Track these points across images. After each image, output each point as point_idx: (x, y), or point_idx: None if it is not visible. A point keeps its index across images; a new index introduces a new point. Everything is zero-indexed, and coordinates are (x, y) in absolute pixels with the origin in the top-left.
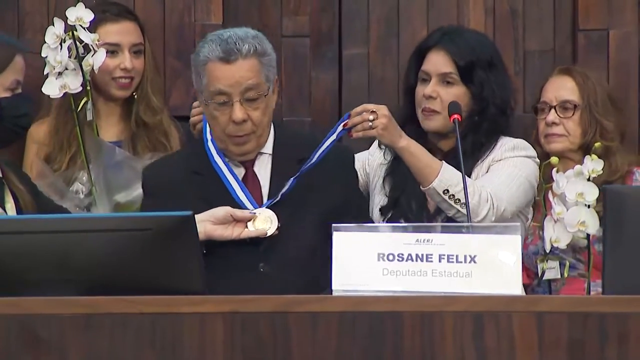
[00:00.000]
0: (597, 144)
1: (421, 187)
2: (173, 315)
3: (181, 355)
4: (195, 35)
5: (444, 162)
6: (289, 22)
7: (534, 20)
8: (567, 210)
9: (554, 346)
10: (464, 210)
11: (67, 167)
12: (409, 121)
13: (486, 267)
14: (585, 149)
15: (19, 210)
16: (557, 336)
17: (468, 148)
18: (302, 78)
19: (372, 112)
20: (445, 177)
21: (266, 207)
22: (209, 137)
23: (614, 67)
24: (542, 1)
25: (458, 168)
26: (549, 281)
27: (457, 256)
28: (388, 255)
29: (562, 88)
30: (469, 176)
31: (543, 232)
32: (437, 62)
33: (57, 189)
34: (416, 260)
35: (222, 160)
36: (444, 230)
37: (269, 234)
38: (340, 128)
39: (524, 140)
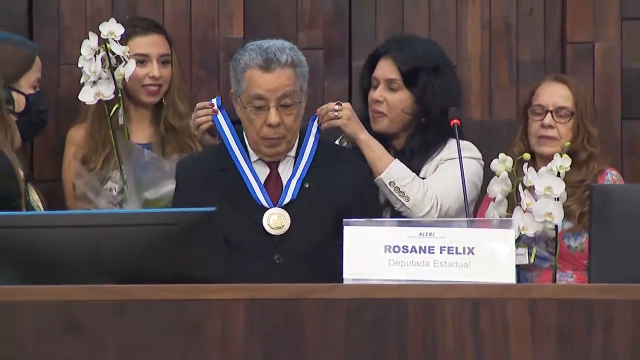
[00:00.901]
0: (567, 143)
1: (374, 179)
2: (198, 302)
3: (206, 338)
4: (219, 48)
5: (396, 158)
6: (304, 36)
7: (526, 34)
8: (536, 201)
9: (544, 331)
10: (407, 205)
11: (102, 167)
12: (365, 123)
13: (483, 258)
14: (570, 154)
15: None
16: (547, 321)
17: (416, 147)
18: (315, 87)
19: (337, 103)
20: (392, 171)
21: (280, 207)
22: (229, 137)
23: (598, 77)
24: (533, 16)
25: (410, 166)
26: (518, 266)
27: (456, 248)
28: (394, 247)
29: (557, 95)
30: (418, 174)
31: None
32: (385, 69)
33: (92, 187)
34: (419, 252)
35: (245, 160)
36: (445, 224)
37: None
38: (313, 124)
39: (470, 143)
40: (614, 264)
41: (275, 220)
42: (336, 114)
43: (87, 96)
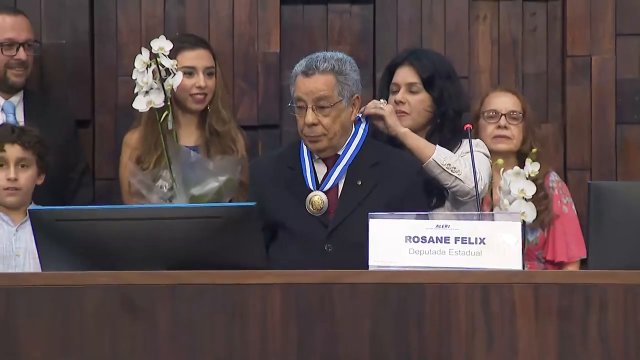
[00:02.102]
0: (534, 150)
1: (422, 165)
2: (240, 286)
3: (247, 318)
4: (258, 62)
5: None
6: (334, 49)
7: (530, 48)
8: (510, 202)
9: (547, 311)
10: (461, 178)
11: (154, 167)
12: None
13: (493, 247)
14: (518, 154)
15: None
16: (549, 303)
17: (436, 143)
18: None
19: (382, 101)
20: (441, 152)
21: (321, 191)
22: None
23: (595, 86)
24: (537, 33)
25: None
26: None
27: (469, 238)
28: (413, 237)
29: (508, 102)
30: None
31: None
32: (405, 74)
33: (145, 185)
34: (436, 242)
35: (308, 159)
36: (460, 217)
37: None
38: (359, 126)
39: (481, 141)
40: (609, 253)
41: (316, 202)
42: (381, 106)
43: (140, 104)
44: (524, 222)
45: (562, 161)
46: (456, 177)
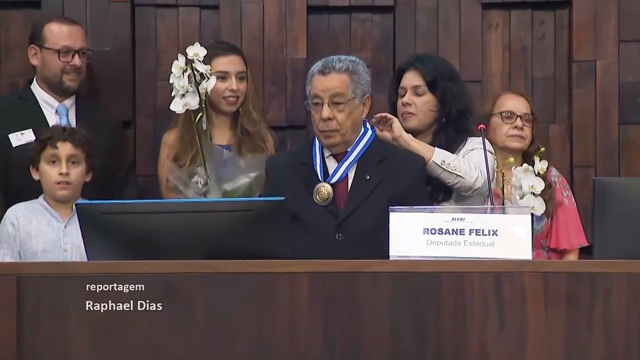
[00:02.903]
0: (542, 149)
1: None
2: (270, 274)
3: (276, 304)
4: (286, 67)
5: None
6: (356, 55)
7: (539, 54)
8: (521, 197)
9: (555, 298)
10: (461, 175)
11: (190, 164)
12: None
13: (505, 238)
14: (524, 153)
15: None
16: (557, 290)
17: (442, 142)
18: None
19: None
20: (440, 153)
21: (328, 183)
22: (316, 141)
23: (599, 89)
24: (545, 40)
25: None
26: None
27: (482, 230)
28: (431, 229)
29: (522, 104)
30: None
31: None
32: (411, 78)
33: (182, 181)
34: (452, 234)
35: (320, 154)
36: (474, 211)
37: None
38: (367, 128)
39: (487, 141)
40: (612, 243)
41: (322, 192)
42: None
43: (177, 106)
44: (532, 214)
45: (568, 159)
46: (456, 174)
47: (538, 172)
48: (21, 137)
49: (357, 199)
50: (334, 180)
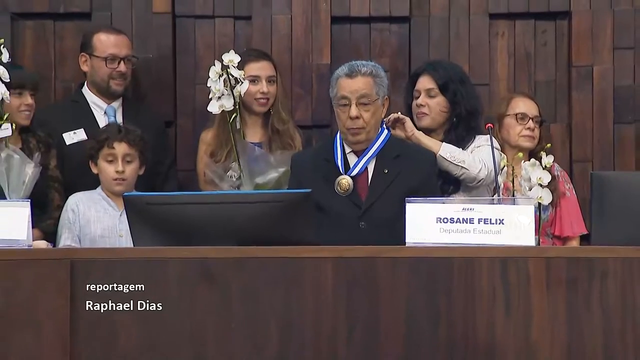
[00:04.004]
0: (548, 145)
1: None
2: (298, 259)
3: (303, 286)
4: (312, 72)
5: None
6: (376, 61)
7: (541, 60)
8: (530, 189)
9: (556, 281)
10: (465, 167)
11: (225, 160)
12: None
13: (510, 226)
14: (531, 150)
15: None
16: (559, 274)
17: (453, 139)
18: None
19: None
20: (446, 147)
21: (349, 175)
22: (337, 138)
23: (596, 92)
24: (547, 47)
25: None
26: None
27: (490, 219)
28: (443, 219)
29: (533, 107)
30: None
31: None
32: (424, 82)
33: (218, 175)
34: (462, 222)
35: (341, 151)
36: (482, 202)
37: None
38: (383, 128)
39: (495, 139)
40: (608, 231)
41: (343, 183)
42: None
43: (213, 108)
44: (539, 205)
45: (568, 155)
46: (462, 167)
47: (545, 166)
48: (74, 136)
49: (378, 191)
50: (354, 172)
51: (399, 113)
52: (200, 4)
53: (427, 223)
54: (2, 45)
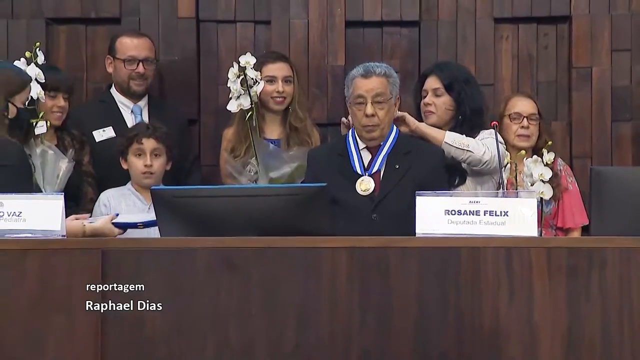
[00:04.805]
0: (549, 142)
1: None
2: (314, 249)
3: (320, 274)
4: (327, 73)
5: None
6: (387, 63)
7: (543, 61)
8: (532, 184)
9: (557, 269)
10: (470, 150)
11: (244, 155)
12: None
13: (514, 218)
14: (534, 148)
15: None
16: (559, 263)
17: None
18: None
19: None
20: (450, 134)
21: (368, 175)
22: (350, 135)
23: (595, 92)
24: (548, 49)
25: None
26: None
27: (495, 211)
28: (451, 211)
29: (528, 105)
30: None
31: None
32: (431, 82)
33: (237, 169)
34: (469, 214)
35: (355, 148)
36: (488, 195)
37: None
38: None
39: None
40: (607, 223)
41: (365, 184)
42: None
43: (232, 106)
44: (540, 199)
45: (568, 151)
46: (466, 150)
47: (546, 163)
48: (103, 134)
49: (389, 185)
50: (373, 171)
51: (398, 112)
52: (222, 10)
53: (436, 215)
54: (37, 48)
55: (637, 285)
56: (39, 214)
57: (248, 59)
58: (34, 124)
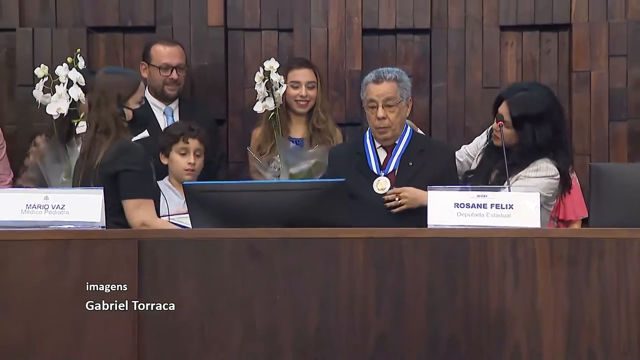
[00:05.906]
0: None
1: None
2: (334, 239)
3: (338, 263)
4: (345, 77)
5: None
6: (400, 68)
7: (545, 65)
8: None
9: (559, 259)
10: (461, 161)
11: (269, 153)
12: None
13: (519, 211)
14: None
15: None
16: (561, 252)
17: (511, 162)
18: None
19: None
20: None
21: (385, 175)
22: (367, 135)
23: (593, 94)
24: (550, 54)
25: (510, 167)
26: None
27: (501, 204)
28: (460, 204)
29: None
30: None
31: None
32: (502, 110)
33: (262, 166)
34: (477, 207)
35: (372, 147)
36: (494, 190)
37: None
38: (407, 127)
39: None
40: (605, 215)
41: (381, 183)
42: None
43: (258, 108)
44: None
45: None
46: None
47: None
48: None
49: (404, 181)
50: (389, 171)
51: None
52: (248, 19)
53: (446, 208)
54: (78, 54)
55: (633, 272)
56: (81, 207)
57: (272, 64)
58: (75, 124)
